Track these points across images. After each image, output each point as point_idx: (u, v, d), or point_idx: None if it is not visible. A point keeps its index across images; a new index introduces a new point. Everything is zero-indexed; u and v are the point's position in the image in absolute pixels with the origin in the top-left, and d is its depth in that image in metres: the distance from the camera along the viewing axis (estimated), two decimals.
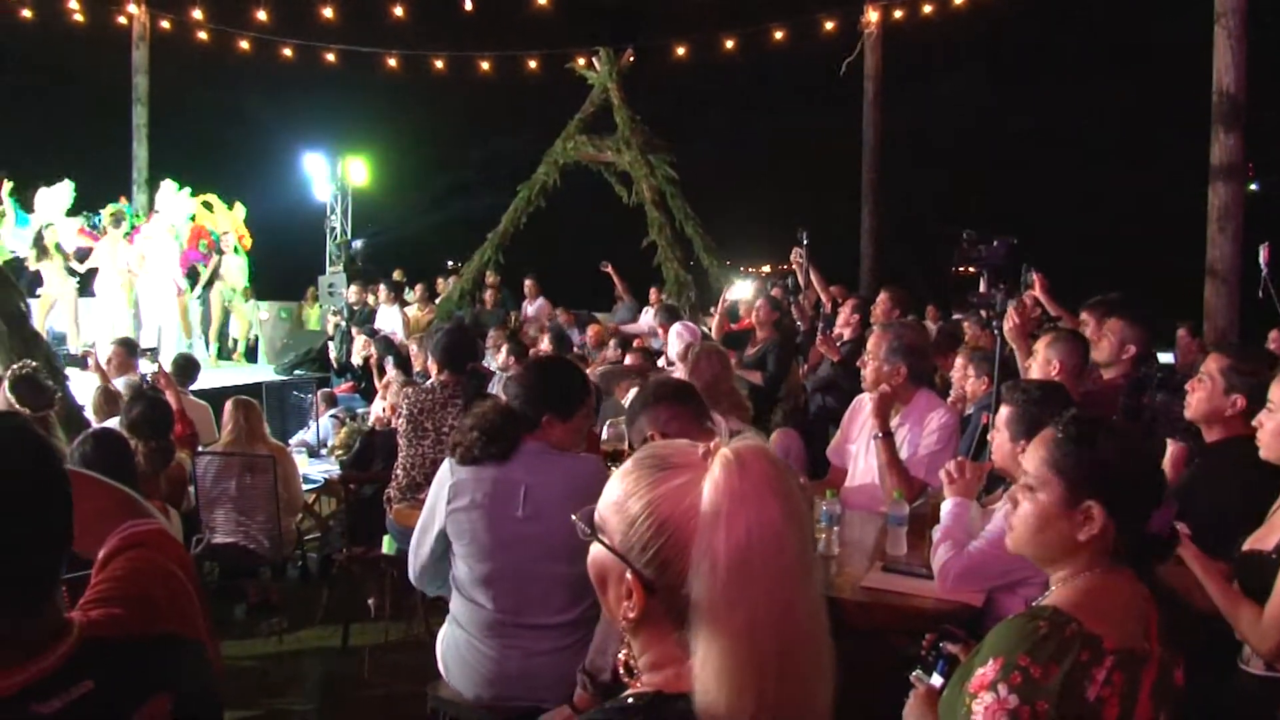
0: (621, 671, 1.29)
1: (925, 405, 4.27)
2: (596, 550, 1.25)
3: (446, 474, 3.19)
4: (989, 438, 3.46)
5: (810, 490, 3.96)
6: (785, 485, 1.17)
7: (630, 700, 1.22)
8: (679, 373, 4.86)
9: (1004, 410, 3.26)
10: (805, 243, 8.50)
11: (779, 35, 15.35)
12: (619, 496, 1.23)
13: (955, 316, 9.23)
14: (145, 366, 5.41)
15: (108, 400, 6.53)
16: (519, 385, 3.27)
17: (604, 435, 3.85)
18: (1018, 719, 1.75)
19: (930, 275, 15.18)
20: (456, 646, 3.26)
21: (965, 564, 3.05)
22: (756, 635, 1.11)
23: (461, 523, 3.13)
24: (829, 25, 14.99)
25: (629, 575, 1.19)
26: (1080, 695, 1.75)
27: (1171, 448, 3.66)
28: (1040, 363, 4.35)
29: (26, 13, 15.28)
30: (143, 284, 12.11)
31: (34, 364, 5.77)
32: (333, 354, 11.75)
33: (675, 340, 7.12)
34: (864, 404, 4.43)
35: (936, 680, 2.24)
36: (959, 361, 5.93)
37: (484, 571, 3.14)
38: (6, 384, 5.57)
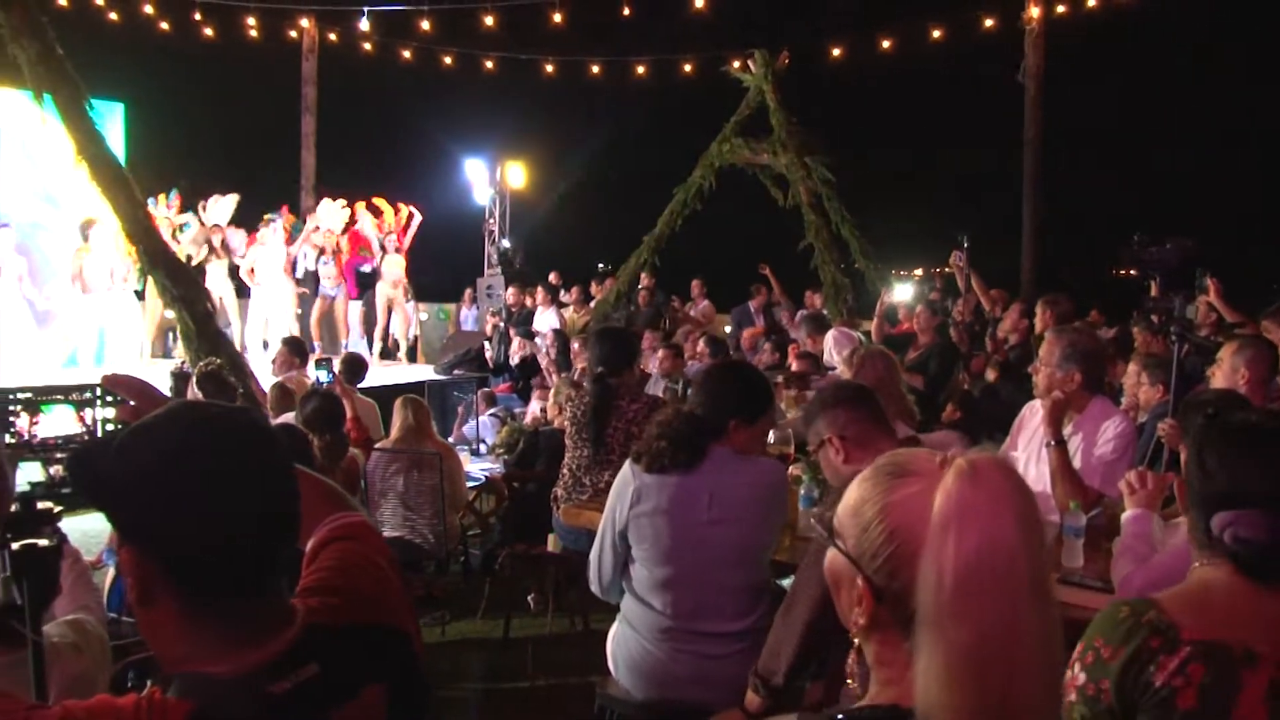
0: (848, 675, 1.30)
1: (1100, 413, 4.12)
2: (832, 554, 1.27)
3: (629, 477, 3.21)
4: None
5: None
6: (1021, 499, 1.14)
7: (865, 712, 1.23)
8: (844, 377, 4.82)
9: None
10: (966, 246, 8.34)
11: (936, 34, 15.05)
12: (855, 501, 1.24)
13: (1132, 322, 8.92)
14: (321, 375, 5.66)
15: (283, 396, 6.83)
16: (705, 391, 3.28)
17: (769, 439, 3.85)
18: (1084, 695, 1.80)
19: (1092, 278, 14.72)
20: (626, 646, 3.30)
21: (1149, 578, 2.94)
22: (982, 652, 1.09)
23: (644, 527, 3.15)
24: (988, 22, 14.62)
25: (859, 581, 1.21)
26: (1143, 680, 1.76)
27: None
28: (1226, 371, 4.16)
29: (209, 31, 16.13)
30: (270, 287, 12.57)
31: (218, 361, 6.09)
32: (488, 352, 12.02)
33: (834, 346, 7.06)
34: (1034, 410, 4.32)
35: None
36: (1131, 368, 5.72)
37: (663, 575, 3.16)
38: (194, 380, 5.90)
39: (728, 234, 17.39)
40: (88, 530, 5.49)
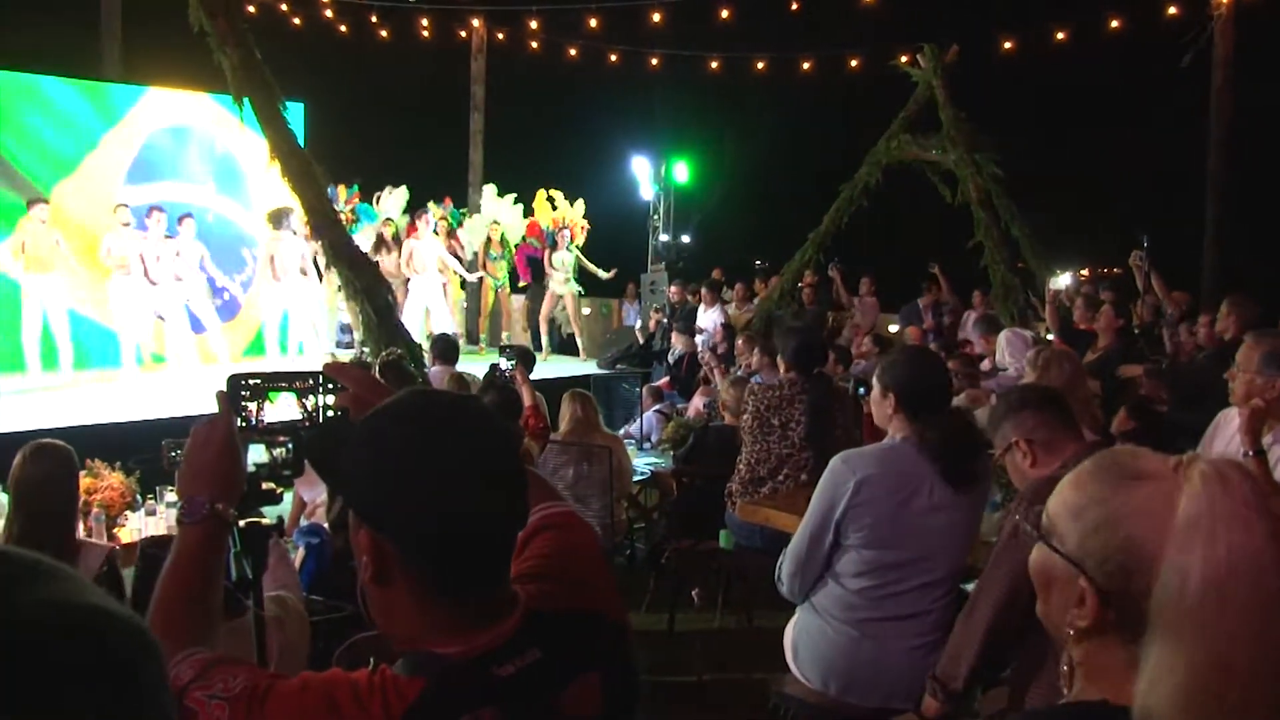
0: (1061, 683, 1.26)
1: None
2: (1043, 554, 1.24)
3: (846, 471, 3.21)
4: None
5: None
6: (1269, 508, 1.10)
7: (1072, 709, 1.21)
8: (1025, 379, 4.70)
9: None
10: (1146, 245, 8.08)
11: (1115, 24, 14.49)
12: (1076, 501, 1.21)
13: None
14: (504, 363, 5.80)
15: (459, 387, 7.01)
16: (933, 380, 3.33)
17: None
18: None
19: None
20: (809, 633, 3.32)
21: None
22: (1226, 662, 1.05)
23: (863, 516, 3.17)
24: (1171, 10, 13.97)
25: (1082, 583, 1.18)
26: None
27: None
28: None
29: (383, 33, 16.72)
30: (426, 278, 12.79)
31: (399, 351, 6.29)
32: (639, 337, 12.13)
33: (1007, 348, 6.88)
34: (1229, 418, 4.13)
35: None
36: None
37: (875, 561, 3.19)
38: (376, 369, 6.11)
39: (895, 232, 17.11)
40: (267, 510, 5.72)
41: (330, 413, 1.93)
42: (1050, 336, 8.14)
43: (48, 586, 0.72)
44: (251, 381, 1.91)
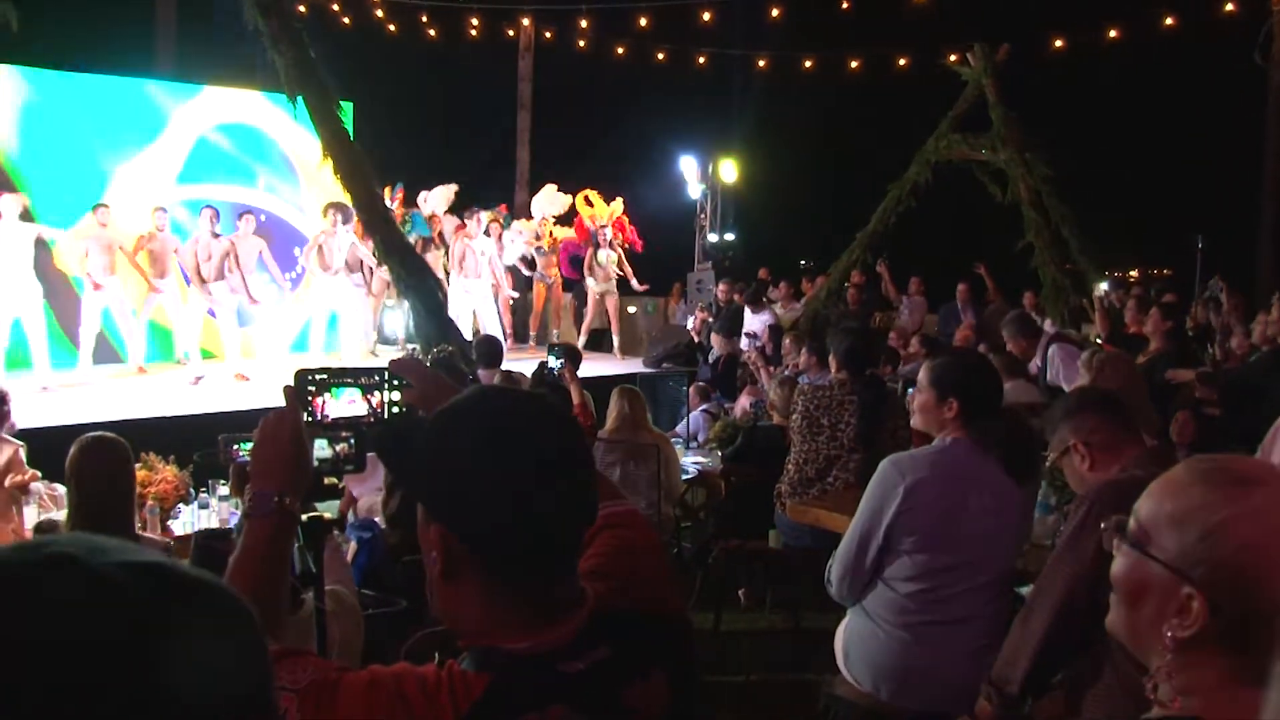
0: (1149, 690, 1.23)
1: None
2: (1134, 562, 1.20)
3: (896, 475, 3.20)
4: None
5: None
6: None
7: None
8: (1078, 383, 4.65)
9: None
10: (1200, 246, 8.02)
11: (1169, 21, 14.29)
12: (1178, 507, 1.17)
13: None
14: (552, 360, 5.81)
15: (508, 385, 7.02)
16: (989, 384, 3.31)
17: None
18: None
19: None
20: (860, 636, 3.31)
21: None
22: None
23: (915, 521, 3.16)
24: (1228, 7, 13.77)
25: (1187, 591, 1.14)
26: None
27: None
28: None
29: (432, 32, 16.81)
30: (475, 278, 12.72)
31: (450, 349, 6.30)
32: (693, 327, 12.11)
33: (1061, 365, 6.74)
34: None
35: None
36: None
37: (926, 565, 3.17)
38: (427, 366, 6.13)
39: (942, 231, 16.97)
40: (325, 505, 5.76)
41: (395, 409, 1.96)
42: (1099, 339, 8.02)
43: (144, 553, 0.74)
44: (318, 377, 1.94)
